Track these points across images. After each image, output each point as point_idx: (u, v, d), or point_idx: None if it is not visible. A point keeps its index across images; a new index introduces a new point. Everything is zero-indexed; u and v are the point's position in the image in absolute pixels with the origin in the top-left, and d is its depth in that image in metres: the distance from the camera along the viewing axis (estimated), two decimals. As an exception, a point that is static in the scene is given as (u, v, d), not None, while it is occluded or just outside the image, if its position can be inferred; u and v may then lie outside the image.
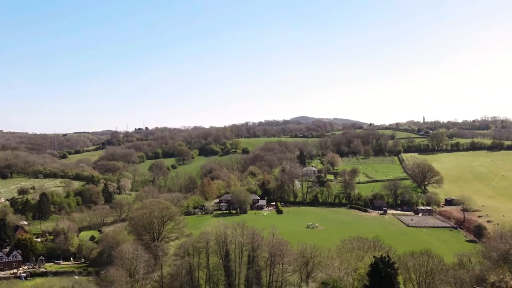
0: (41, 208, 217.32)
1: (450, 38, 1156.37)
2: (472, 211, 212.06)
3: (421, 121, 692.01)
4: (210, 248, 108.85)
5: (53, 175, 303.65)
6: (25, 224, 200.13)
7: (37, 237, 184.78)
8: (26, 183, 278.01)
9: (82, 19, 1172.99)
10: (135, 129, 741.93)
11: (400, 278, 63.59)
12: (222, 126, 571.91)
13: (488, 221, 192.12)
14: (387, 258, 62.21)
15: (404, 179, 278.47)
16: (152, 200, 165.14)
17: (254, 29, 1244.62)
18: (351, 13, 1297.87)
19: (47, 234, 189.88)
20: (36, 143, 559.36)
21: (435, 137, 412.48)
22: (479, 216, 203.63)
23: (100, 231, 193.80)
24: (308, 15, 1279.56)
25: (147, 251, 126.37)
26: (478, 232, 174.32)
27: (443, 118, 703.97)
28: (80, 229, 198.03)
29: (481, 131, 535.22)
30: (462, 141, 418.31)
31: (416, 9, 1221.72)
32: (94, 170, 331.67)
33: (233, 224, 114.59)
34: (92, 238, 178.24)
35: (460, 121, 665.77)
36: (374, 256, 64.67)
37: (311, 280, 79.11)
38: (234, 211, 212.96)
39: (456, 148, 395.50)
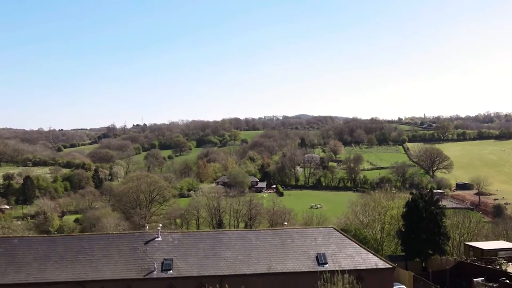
0: (25, 192, 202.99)
1: (451, 39, 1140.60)
2: (487, 194, 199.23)
3: (422, 117, 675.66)
4: (201, 218, 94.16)
5: (43, 163, 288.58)
6: (7, 208, 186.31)
7: (17, 220, 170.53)
8: (14, 170, 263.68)
9: (83, 19, 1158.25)
10: (133, 125, 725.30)
11: (446, 222, 48.46)
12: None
13: (506, 203, 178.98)
14: (429, 195, 47.16)
15: (410, 166, 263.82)
16: (139, 173, 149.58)
17: (255, 31, 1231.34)
18: (351, 15, 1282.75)
19: (29, 218, 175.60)
20: (31, 137, 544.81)
21: (441, 127, 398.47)
22: (495, 199, 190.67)
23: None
24: (307, 15, 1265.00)
25: (133, 227, 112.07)
26: (497, 213, 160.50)
27: (445, 114, 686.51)
28: (65, 213, 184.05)
29: (486, 124, 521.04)
30: (468, 131, 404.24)
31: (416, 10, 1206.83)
32: (86, 158, 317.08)
33: (227, 190, 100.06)
34: (76, 221, 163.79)
35: (463, 116, 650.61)
36: (411, 192, 49.89)
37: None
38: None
39: (462, 137, 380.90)
